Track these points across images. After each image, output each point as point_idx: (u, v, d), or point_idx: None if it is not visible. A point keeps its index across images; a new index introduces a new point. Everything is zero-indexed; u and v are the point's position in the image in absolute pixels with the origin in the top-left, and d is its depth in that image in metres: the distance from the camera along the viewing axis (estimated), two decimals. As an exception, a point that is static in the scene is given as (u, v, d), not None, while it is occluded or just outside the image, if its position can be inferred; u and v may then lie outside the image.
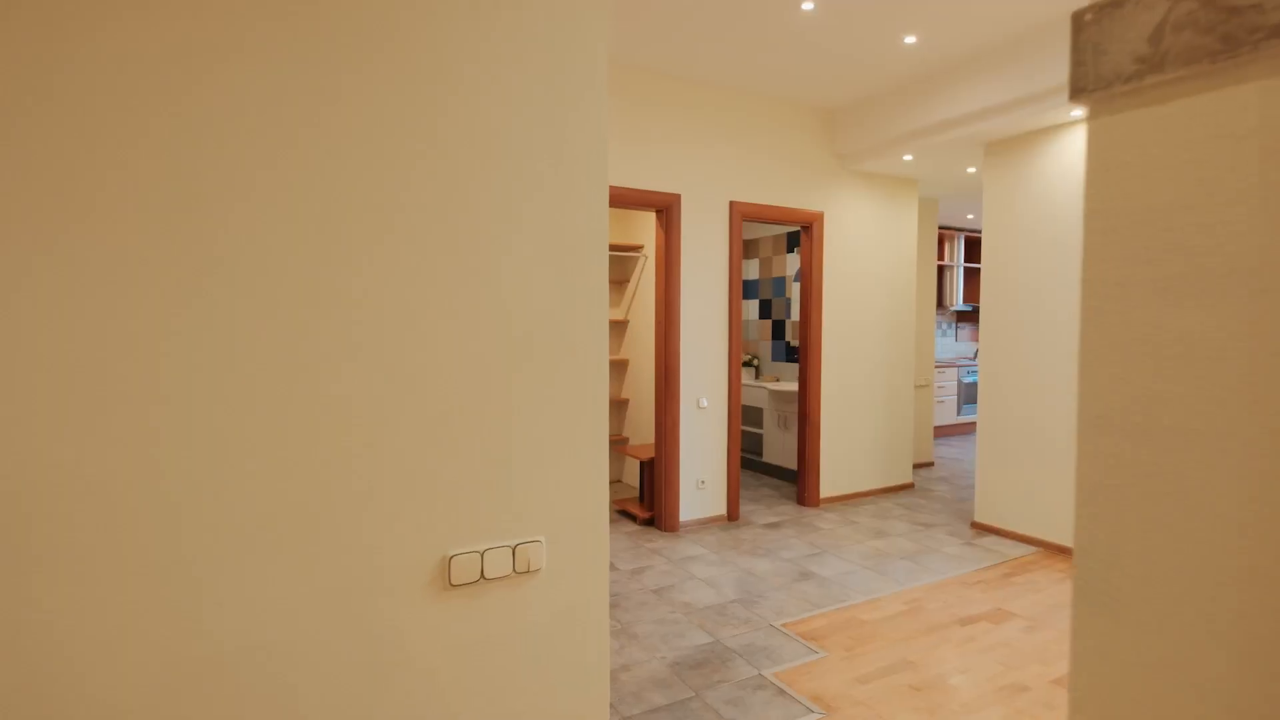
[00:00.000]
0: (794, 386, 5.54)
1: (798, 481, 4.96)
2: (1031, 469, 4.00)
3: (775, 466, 5.80)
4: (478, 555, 1.42)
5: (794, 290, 5.95)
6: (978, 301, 8.20)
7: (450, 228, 1.34)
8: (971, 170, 4.95)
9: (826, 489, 4.93)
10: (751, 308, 6.50)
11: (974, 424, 8.09)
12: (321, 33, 1.18)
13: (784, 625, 2.95)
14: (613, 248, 5.28)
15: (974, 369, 7.97)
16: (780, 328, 6.14)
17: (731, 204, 4.40)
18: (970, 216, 7.23)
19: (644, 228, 5.27)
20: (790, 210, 4.62)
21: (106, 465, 1.05)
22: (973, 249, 8.25)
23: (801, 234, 4.83)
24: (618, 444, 5.63)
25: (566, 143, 1.47)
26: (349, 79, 1.20)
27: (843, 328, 4.94)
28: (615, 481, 5.66)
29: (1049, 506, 3.91)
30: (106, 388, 1.04)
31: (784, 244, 6.06)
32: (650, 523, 4.46)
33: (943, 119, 4.01)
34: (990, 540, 4.09)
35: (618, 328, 5.67)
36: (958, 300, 8.05)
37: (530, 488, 1.47)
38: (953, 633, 2.87)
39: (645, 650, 2.73)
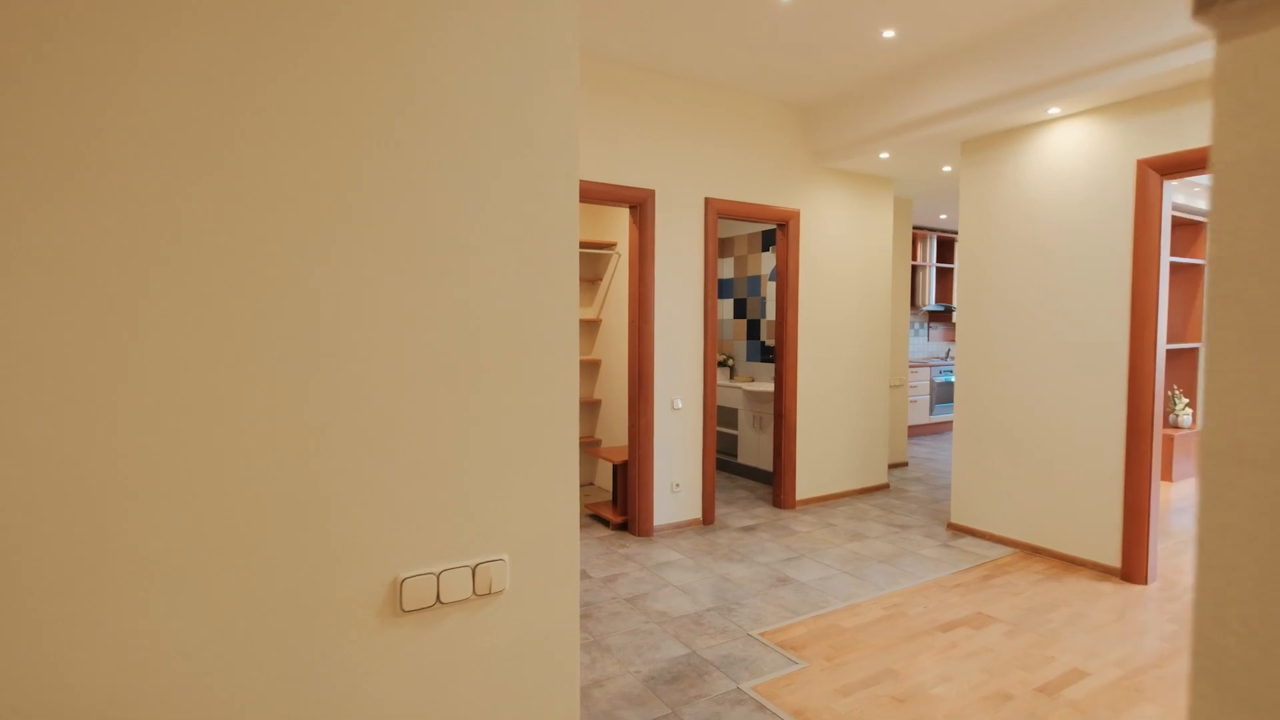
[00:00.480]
0: (769, 387, 5.47)
1: (773, 483, 4.88)
2: (1007, 470, 3.97)
3: (750, 468, 5.72)
4: (433, 577, 1.28)
5: (769, 289, 5.88)
6: (949, 301, 8.26)
7: (405, 223, 1.20)
8: (947, 169, 4.93)
9: (802, 490, 4.86)
10: (726, 307, 6.42)
11: (947, 423, 8.13)
12: (261, 10, 1.04)
13: (762, 634, 2.85)
14: (585, 245, 5.14)
15: (946, 368, 8.01)
16: (755, 327, 6.07)
17: (706, 200, 4.30)
18: (943, 217, 7.26)
19: (617, 224, 5.15)
20: (766, 208, 4.54)
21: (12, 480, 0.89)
22: (945, 249, 8.30)
23: (777, 232, 4.75)
24: (590, 446, 5.49)
25: (534, 132, 1.34)
26: (292, 60, 1.06)
27: (819, 327, 4.88)
28: (587, 484, 5.53)
29: (1024, 508, 3.89)
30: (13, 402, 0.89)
31: (759, 242, 5.99)
32: (623, 527, 4.33)
33: (920, 116, 3.96)
34: (967, 541, 4.05)
35: (590, 327, 5.54)
36: (930, 300, 8.08)
37: (493, 501, 1.33)
38: (934, 639, 2.80)
39: (618, 664, 2.61)
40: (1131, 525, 3.40)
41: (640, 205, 4.08)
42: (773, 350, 5.85)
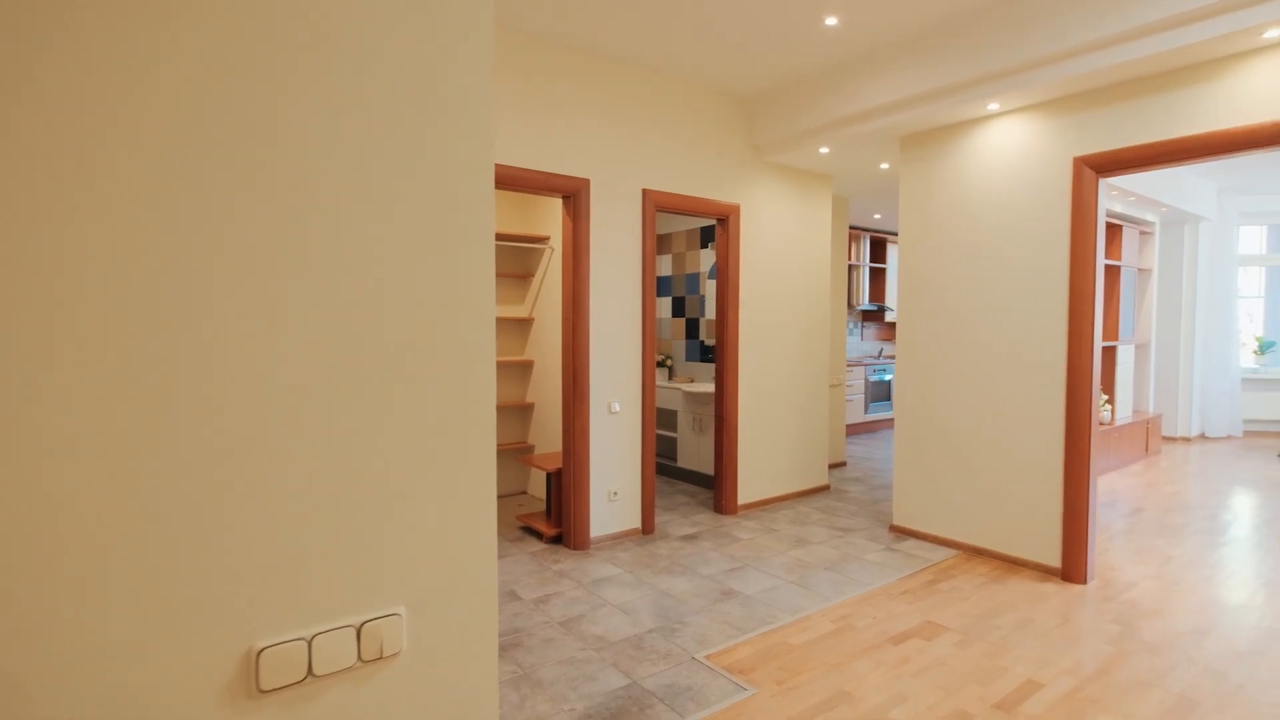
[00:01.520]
0: (709, 387, 5.30)
1: (715, 488, 4.71)
2: (948, 472, 3.93)
3: (690, 472, 5.54)
4: (303, 644, 1.00)
5: (708, 287, 5.72)
6: (882, 301, 8.35)
7: (265, 205, 0.91)
8: (884, 166, 4.88)
9: (744, 495, 4.71)
10: (665, 305, 6.23)
11: (881, 422, 8.22)
12: None
13: (708, 657, 2.64)
14: (515, 239, 4.83)
15: (879, 367, 8.09)
16: (694, 326, 5.90)
17: (645, 192, 4.08)
18: (877, 216, 7.31)
19: (550, 217, 4.86)
20: (706, 201, 4.36)
21: None
22: (877, 249, 8.39)
23: (717, 227, 4.58)
24: (521, 453, 5.18)
25: (435, 104, 1.07)
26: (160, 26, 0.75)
27: (760, 326, 4.74)
28: (519, 493, 5.21)
29: (966, 509, 3.85)
30: None
31: (697, 239, 5.82)
32: (558, 540, 4.05)
33: (860, 109, 3.86)
34: (910, 544, 3.98)
35: (521, 326, 5.22)
36: (863, 300, 8.14)
37: (384, 538, 1.06)
38: (886, 654, 2.67)
39: (551, 700, 2.34)
40: (1071, 524, 3.39)
41: (574, 195, 3.81)
42: (712, 350, 5.68)
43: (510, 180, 3.53)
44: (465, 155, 1.12)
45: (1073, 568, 3.39)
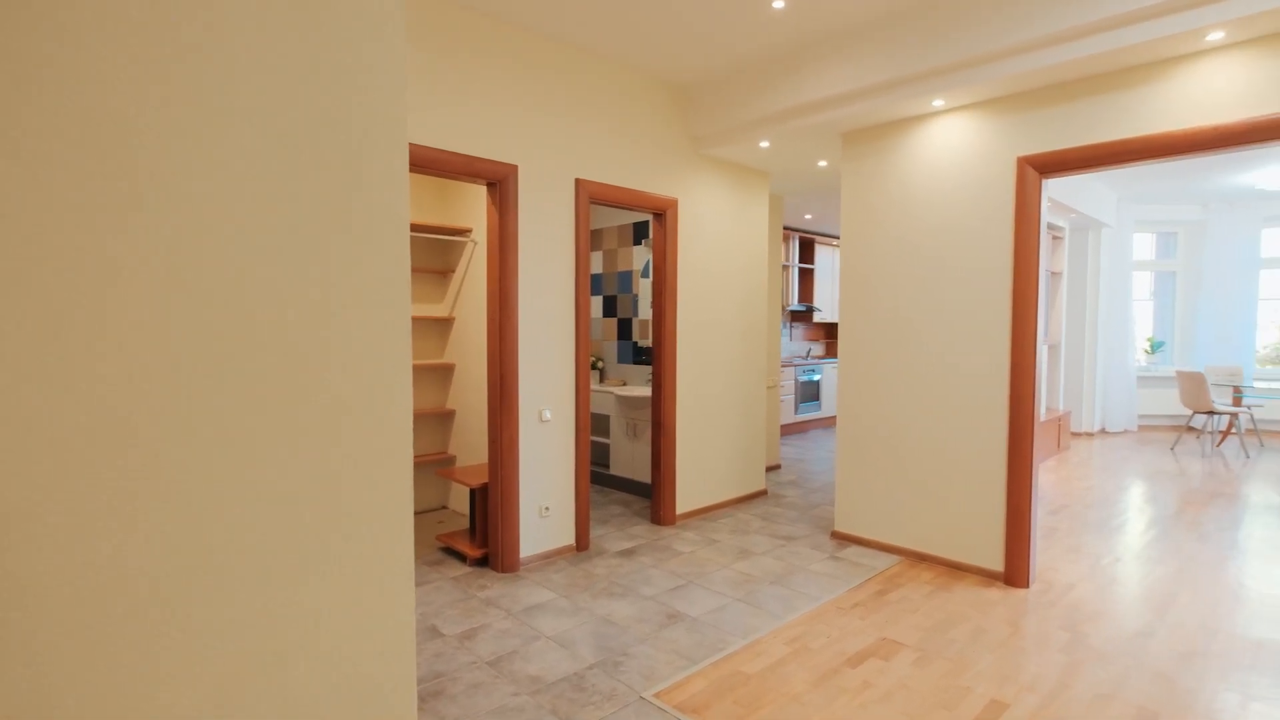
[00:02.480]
0: (644, 391, 5.05)
1: (652, 497, 4.46)
2: (891, 475, 3.84)
3: (624, 479, 5.28)
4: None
5: (642, 286, 5.47)
6: (811, 301, 8.37)
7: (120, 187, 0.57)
8: (823, 164, 4.78)
9: (683, 504, 4.49)
10: (596, 304, 5.93)
11: (811, 422, 8.24)
12: None
13: (657, 695, 2.38)
14: (435, 230, 4.40)
15: (808, 368, 8.10)
16: (627, 326, 5.64)
17: (578, 182, 3.77)
18: (808, 216, 7.28)
19: (473, 207, 4.46)
20: (643, 194, 4.10)
21: None
22: (806, 249, 8.41)
23: (653, 222, 4.33)
24: (442, 465, 4.75)
25: (334, 59, 0.75)
26: None
27: (698, 326, 4.53)
28: (439, 508, 4.78)
29: (909, 514, 3.77)
30: None
31: (630, 235, 5.56)
32: (483, 562, 3.69)
33: (804, 102, 3.70)
34: (853, 551, 3.87)
35: (441, 327, 4.80)
36: (793, 300, 8.14)
37: (261, 616, 0.73)
38: (846, 679, 2.49)
39: (481, 764, 2.01)
40: (1014, 528, 3.35)
41: (501, 183, 3.46)
42: (646, 351, 5.44)
43: (427, 163, 3.14)
44: (364, 116, 0.80)
45: (1015, 572, 3.35)
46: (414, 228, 4.31)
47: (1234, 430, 7.50)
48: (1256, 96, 2.67)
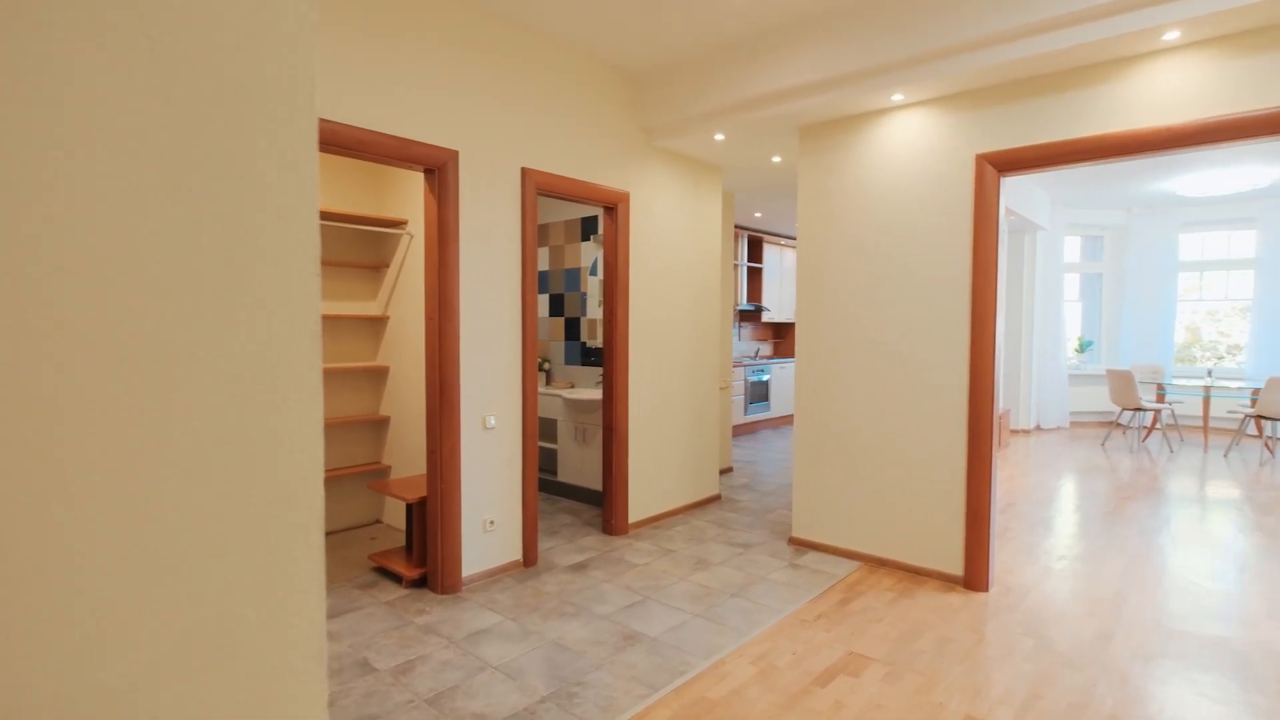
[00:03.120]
0: (593, 393, 4.84)
1: (604, 506, 4.25)
2: (849, 479, 3.75)
3: (573, 487, 5.04)
4: None
5: (591, 284, 5.24)
6: (759, 301, 8.32)
7: None
8: (776, 160, 4.68)
9: (636, 512, 4.29)
10: (542, 303, 5.67)
11: (761, 422, 8.19)
12: None
13: (617, 730, 2.17)
14: (367, 221, 4.06)
15: (758, 368, 8.05)
16: (575, 326, 5.40)
17: (524, 172, 3.52)
18: (758, 215, 7.21)
19: (409, 197, 4.14)
20: (593, 186, 3.88)
21: None
22: (755, 248, 8.36)
23: (604, 217, 4.12)
24: (375, 477, 4.41)
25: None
26: None
27: (650, 326, 4.34)
28: (373, 523, 4.43)
29: (867, 519, 3.69)
30: None
31: (578, 230, 5.33)
32: (422, 583, 3.39)
33: (762, 92, 3.57)
34: (812, 558, 3.77)
35: (374, 326, 4.45)
36: (742, 299, 8.07)
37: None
38: (816, 700, 2.34)
39: (419, 827, 1.75)
40: (974, 532, 3.30)
41: (439, 170, 3.18)
42: (595, 352, 5.22)
43: (355, 145, 2.84)
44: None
45: (975, 576, 3.31)
46: (344, 218, 3.96)
47: (1158, 426, 7.86)
48: (1209, 99, 2.67)
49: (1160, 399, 7.20)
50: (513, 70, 3.43)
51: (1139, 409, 6.81)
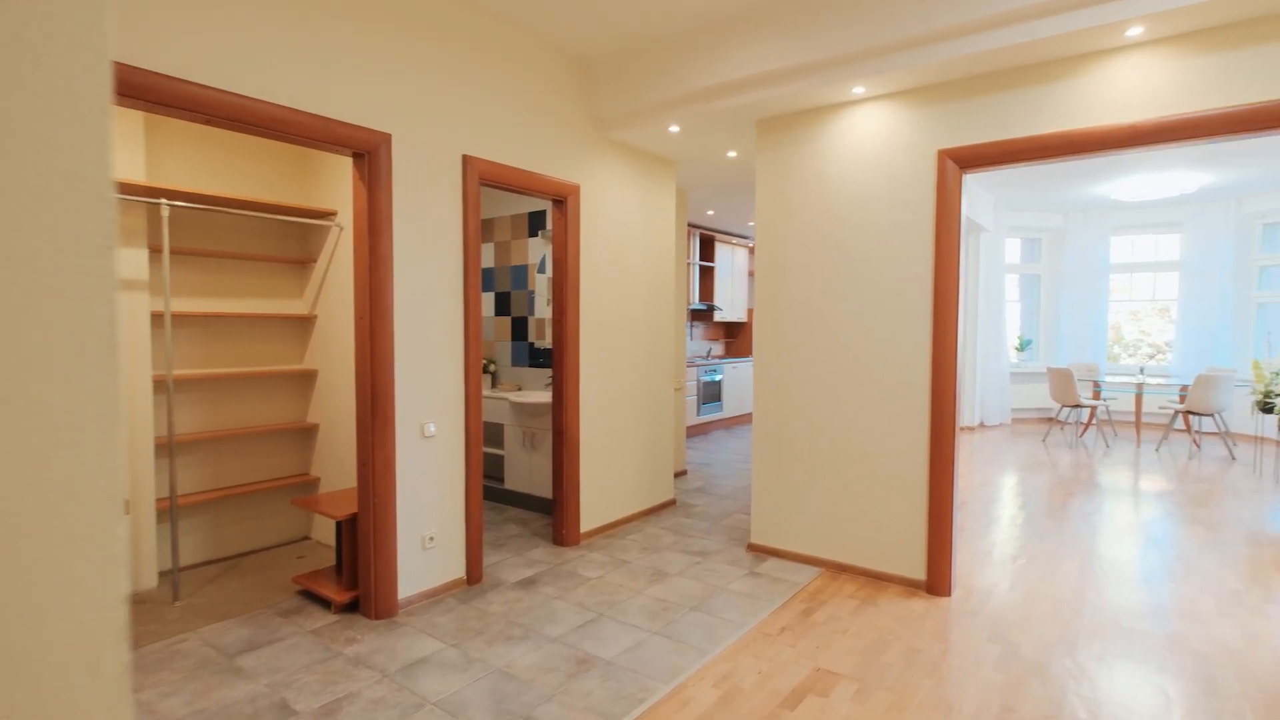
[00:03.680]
0: (543, 396, 4.59)
1: (554, 515, 4.01)
2: (808, 483, 3.64)
3: (521, 495, 4.79)
4: None
5: (539, 282, 5.00)
6: (711, 300, 8.21)
7: None
8: (732, 155, 4.54)
9: (588, 520, 4.08)
10: (487, 302, 5.38)
11: (714, 423, 8.08)
12: None
13: (571, 773, 1.96)
14: (291, 211, 3.72)
15: (710, 368, 7.94)
16: (522, 326, 5.14)
17: (466, 159, 3.26)
18: (710, 212, 7.09)
19: (339, 185, 3.82)
20: (542, 178, 3.65)
21: None
22: (707, 247, 8.25)
23: (554, 210, 3.89)
24: (302, 491, 4.06)
25: None
26: None
27: (602, 326, 4.13)
28: (301, 540, 4.08)
29: (828, 523, 3.58)
30: None
31: (525, 226, 5.07)
32: (353, 607, 3.09)
33: (719, 82, 3.41)
34: (772, 565, 3.63)
35: (300, 327, 4.09)
36: (694, 298, 7.94)
37: None
38: (785, 726, 2.19)
39: None
40: (935, 535, 3.23)
41: (370, 155, 2.89)
42: (544, 353, 4.98)
43: (271, 124, 2.53)
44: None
45: (938, 580, 3.23)
46: (265, 208, 3.61)
47: (1094, 421, 8.13)
48: (1169, 97, 2.65)
49: (1096, 396, 7.43)
50: (454, 50, 3.17)
51: (1078, 405, 7.00)
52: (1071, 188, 7.13)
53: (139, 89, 2.19)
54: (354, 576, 3.11)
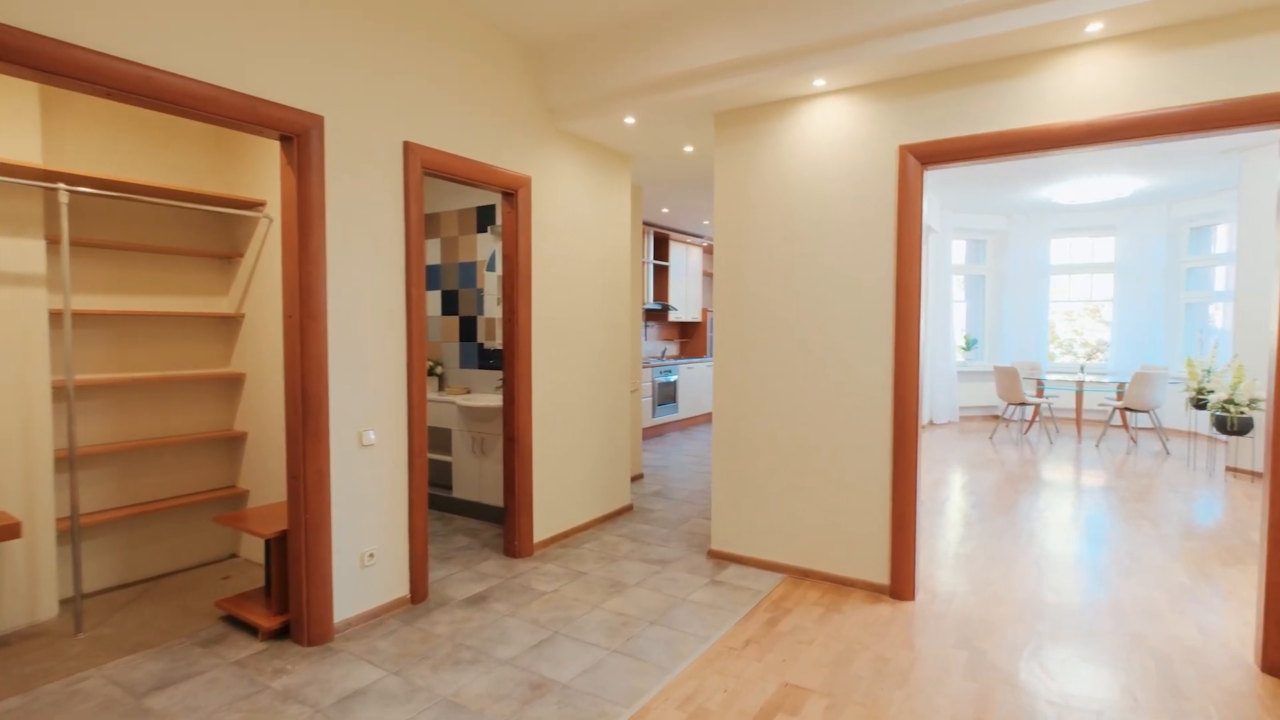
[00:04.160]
0: (493, 400, 4.38)
1: (506, 524, 3.81)
2: (770, 487, 3.54)
3: (471, 503, 4.55)
4: None
5: (488, 280, 4.77)
6: (666, 300, 8.10)
7: None
8: (689, 149, 4.41)
9: (541, 529, 3.88)
10: (434, 301, 5.12)
11: (669, 424, 7.97)
12: None
13: (526, 817, 1.78)
14: (215, 200, 3.40)
15: (665, 368, 7.82)
16: (471, 326, 4.90)
17: (408, 147, 3.03)
18: (665, 210, 6.97)
19: (267, 173, 3.52)
20: (490, 168, 3.44)
21: None
22: (661, 246, 8.13)
23: (503, 203, 3.68)
24: (230, 505, 3.74)
25: None
26: None
27: (556, 325, 3.95)
28: (228, 558, 3.75)
29: (790, 528, 3.49)
30: None
31: (473, 221, 4.84)
32: (283, 633, 2.83)
33: (677, 71, 3.28)
34: (733, 572, 3.52)
35: (226, 327, 3.77)
36: (649, 298, 7.81)
37: None
38: (755, 750, 2.06)
39: None
40: (899, 538, 3.17)
41: (300, 137, 2.64)
42: (494, 354, 4.76)
43: (184, 100, 2.27)
44: None
45: (901, 584, 3.17)
46: (184, 196, 3.29)
47: (1038, 419, 8.36)
48: (1129, 94, 2.64)
49: (1040, 394, 7.63)
50: (395, 29, 2.94)
51: (1023, 403, 7.17)
52: (1015, 190, 7.30)
53: (18, 53, 1.91)
54: (284, 599, 2.85)
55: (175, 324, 3.55)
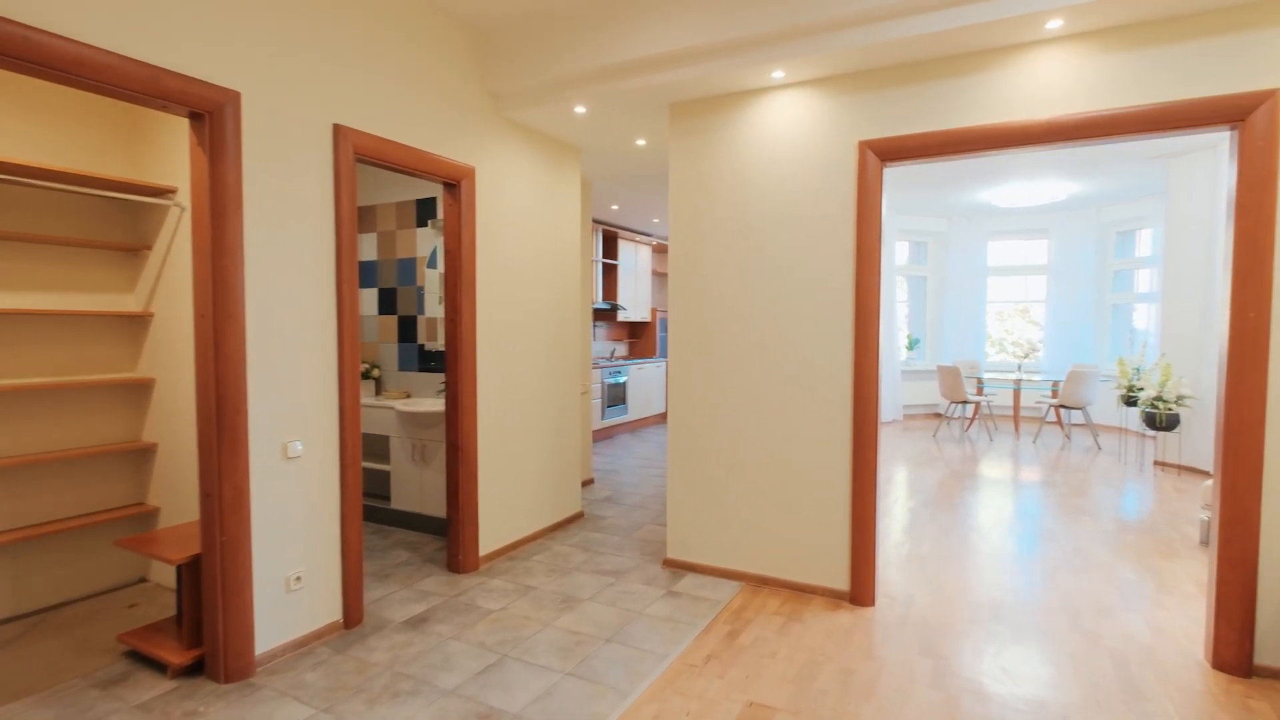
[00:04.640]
0: (434, 405, 4.13)
1: (449, 537, 3.57)
2: (727, 493, 3.43)
3: (411, 515, 4.28)
4: None
5: (429, 277, 4.50)
6: (615, 299, 7.94)
7: None
8: (641, 143, 4.27)
9: (488, 542, 3.67)
10: (370, 299, 4.81)
11: (619, 426, 7.81)
12: None
13: None
14: (118, 186, 3.05)
15: (614, 369, 7.66)
16: (411, 326, 4.62)
17: (338, 130, 2.77)
18: (615, 207, 6.81)
19: (180, 157, 3.19)
20: (430, 156, 3.20)
21: None
22: (610, 244, 7.97)
23: (445, 195, 3.45)
24: (138, 524, 3.37)
25: None
26: None
27: (502, 325, 3.74)
28: (137, 581, 3.39)
29: (748, 535, 3.38)
30: None
31: (413, 214, 4.56)
32: (197, 669, 2.53)
33: (630, 58, 3.12)
34: (690, 582, 3.39)
35: (132, 327, 3.40)
36: (597, 297, 7.64)
37: None
38: (722, 780, 1.93)
39: None
40: (859, 542, 3.10)
41: (213, 115, 2.36)
42: (435, 356, 4.50)
43: (72, 67, 1.97)
44: None
45: (861, 590, 3.11)
46: (79, 180, 2.93)
47: (978, 416, 8.58)
48: (1088, 93, 2.64)
49: (980, 392, 7.82)
50: (325, 1, 2.68)
51: (965, 401, 7.33)
52: (956, 193, 7.46)
53: None
54: (198, 630, 2.55)
55: (72, 324, 3.17)
